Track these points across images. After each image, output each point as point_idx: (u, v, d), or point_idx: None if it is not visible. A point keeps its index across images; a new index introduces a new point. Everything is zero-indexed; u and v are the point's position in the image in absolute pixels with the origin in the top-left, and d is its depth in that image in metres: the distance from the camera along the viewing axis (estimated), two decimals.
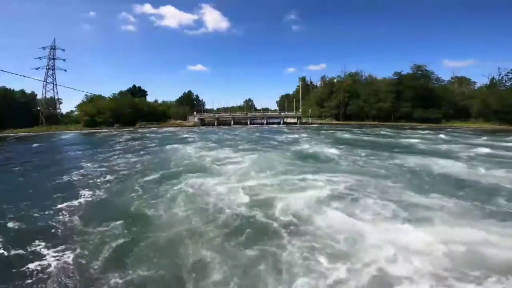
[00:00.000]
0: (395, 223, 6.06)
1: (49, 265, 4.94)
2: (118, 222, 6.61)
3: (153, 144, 24.25)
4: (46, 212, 7.58)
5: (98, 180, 11.07)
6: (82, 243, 5.71)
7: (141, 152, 19.10)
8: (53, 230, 6.44)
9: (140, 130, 46.48)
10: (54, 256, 5.23)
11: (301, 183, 9.37)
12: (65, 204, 8.20)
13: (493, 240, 5.15)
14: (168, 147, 21.51)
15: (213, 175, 11.09)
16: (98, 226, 6.47)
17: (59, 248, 5.54)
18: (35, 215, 7.45)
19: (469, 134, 29.99)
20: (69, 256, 5.22)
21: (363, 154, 15.31)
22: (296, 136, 29.13)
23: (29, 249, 5.54)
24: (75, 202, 8.38)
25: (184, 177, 10.70)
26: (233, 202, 7.75)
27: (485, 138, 24.87)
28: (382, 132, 32.15)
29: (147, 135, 35.46)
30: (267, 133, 35.11)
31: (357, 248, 5.07)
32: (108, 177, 11.58)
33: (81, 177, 11.76)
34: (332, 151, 16.55)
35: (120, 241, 5.78)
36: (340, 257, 4.80)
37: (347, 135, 29.20)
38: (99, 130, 46.22)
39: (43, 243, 5.74)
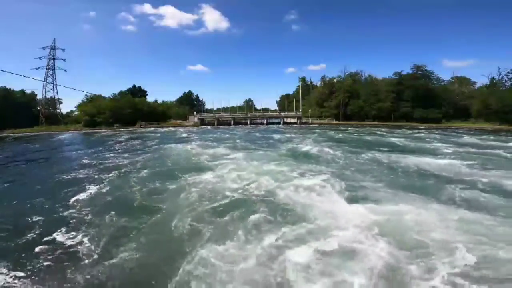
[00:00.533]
0: (347, 200, 7.59)
1: (63, 253, 5.29)
2: (123, 214, 7.06)
3: (153, 143, 24.41)
4: (56, 205, 7.98)
5: (102, 176, 11.44)
6: (91, 232, 6.15)
7: (141, 151, 19.35)
8: (62, 222, 6.76)
9: (140, 130, 46.51)
10: (67, 244, 5.65)
11: (287, 173, 10.69)
12: (73, 198, 8.53)
13: (415, 211, 6.54)
14: (167, 146, 21.69)
15: (210, 168, 11.89)
16: (105, 216, 6.99)
17: (71, 236, 6.02)
18: (46, 207, 7.94)
19: (463, 133, 30.47)
20: (80, 243, 5.65)
21: (345, 150, 16.80)
22: (292, 135, 30.15)
23: (42, 239, 5.91)
24: (82, 197, 8.74)
25: (183, 171, 11.37)
26: (226, 188, 8.92)
27: (472, 136, 25.67)
28: (378, 132, 32.52)
29: (147, 134, 35.52)
30: (264, 132, 36.04)
31: (313, 215, 6.54)
32: (110, 173, 11.92)
33: (83, 175, 11.95)
34: (319, 148, 17.90)
35: (126, 231, 6.16)
36: (297, 220, 6.29)
37: (340, 135, 30.07)
38: (97, 130, 46.27)
39: (56, 233, 6.15)
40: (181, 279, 4.34)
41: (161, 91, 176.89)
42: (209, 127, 50.08)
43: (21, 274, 4.67)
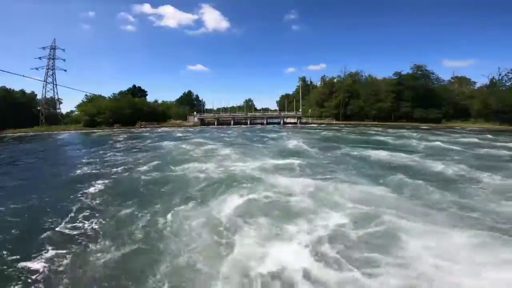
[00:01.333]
0: (312, 182, 8.90)
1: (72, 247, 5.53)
2: (128, 207, 7.52)
3: (152, 142, 24.76)
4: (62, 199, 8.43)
5: (104, 171, 12.28)
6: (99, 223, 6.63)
7: (141, 149, 20.08)
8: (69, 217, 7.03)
9: (139, 129, 46.53)
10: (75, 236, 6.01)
11: (273, 164, 12.24)
12: (77, 193, 8.94)
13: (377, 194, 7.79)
14: (165, 143, 22.39)
15: (206, 162, 13.19)
16: (111, 207, 7.64)
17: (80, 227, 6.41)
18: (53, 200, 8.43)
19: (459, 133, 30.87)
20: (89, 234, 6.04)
21: (327, 147, 18.49)
22: (284, 134, 32.05)
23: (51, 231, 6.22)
24: (86, 191, 9.17)
25: (180, 165, 12.38)
26: (216, 174, 10.58)
27: (458, 135, 26.80)
28: (371, 132, 33.14)
29: (146, 134, 35.56)
30: (259, 131, 37.27)
31: (273, 185, 8.61)
32: (112, 169, 12.63)
33: (84, 172, 12.31)
34: (304, 145, 19.40)
35: (132, 223, 6.53)
36: (258, 188, 8.36)
37: (330, 133, 31.54)
38: (94, 130, 46.26)
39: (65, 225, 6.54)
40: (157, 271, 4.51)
41: (161, 91, 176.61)
42: (209, 127, 50.11)
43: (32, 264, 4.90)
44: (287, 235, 5.43)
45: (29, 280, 4.43)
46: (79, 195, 8.68)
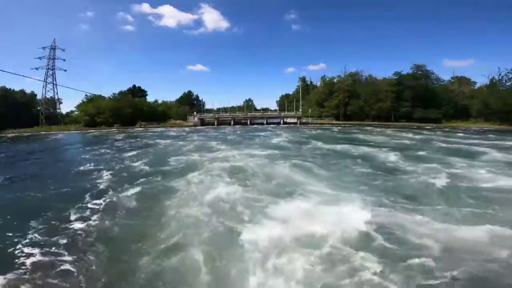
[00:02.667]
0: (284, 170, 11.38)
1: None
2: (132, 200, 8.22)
3: (153, 140, 25.38)
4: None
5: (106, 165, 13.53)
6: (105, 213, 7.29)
7: (140, 147, 21.53)
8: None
9: (139, 129, 46.52)
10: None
11: (252, 154, 15.60)
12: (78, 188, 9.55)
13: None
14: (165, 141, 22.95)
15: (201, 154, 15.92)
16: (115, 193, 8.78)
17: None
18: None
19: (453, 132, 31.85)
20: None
21: (306, 143, 21.07)
22: (274, 132, 35.18)
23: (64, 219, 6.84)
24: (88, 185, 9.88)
25: (178, 159, 14.51)
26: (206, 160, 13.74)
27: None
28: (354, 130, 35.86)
29: (145, 134, 35.54)
30: (253, 130, 40.18)
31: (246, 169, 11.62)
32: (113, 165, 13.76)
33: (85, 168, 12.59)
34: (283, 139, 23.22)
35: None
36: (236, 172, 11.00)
37: (317, 131, 34.29)
38: (90, 130, 46.23)
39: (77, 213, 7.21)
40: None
41: (161, 91, 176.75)
42: (208, 127, 50.08)
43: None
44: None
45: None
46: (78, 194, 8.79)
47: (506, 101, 40.98)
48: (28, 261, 4.91)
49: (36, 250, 5.25)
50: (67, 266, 4.75)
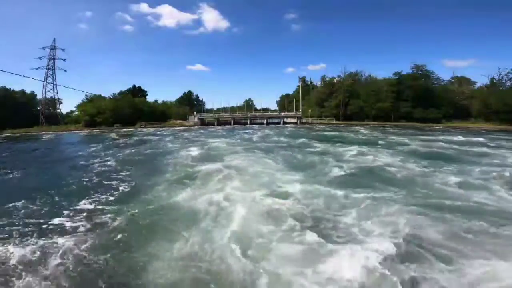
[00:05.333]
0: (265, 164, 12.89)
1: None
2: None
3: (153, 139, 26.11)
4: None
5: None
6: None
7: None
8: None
9: (139, 129, 46.51)
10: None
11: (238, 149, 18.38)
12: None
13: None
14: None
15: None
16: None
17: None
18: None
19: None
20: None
21: (289, 141, 23.68)
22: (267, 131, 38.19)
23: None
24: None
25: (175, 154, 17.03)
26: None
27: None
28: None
29: (146, 134, 35.64)
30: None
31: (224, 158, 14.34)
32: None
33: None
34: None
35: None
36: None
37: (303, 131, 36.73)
38: (82, 129, 46.21)
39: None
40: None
41: (161, 91, 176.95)
42: (208, 127, 50.08)
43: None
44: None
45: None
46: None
47: (506, 101, 40.97)
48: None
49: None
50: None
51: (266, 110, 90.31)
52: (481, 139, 22.31)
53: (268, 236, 5.42)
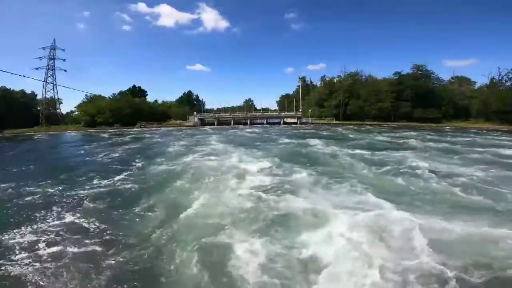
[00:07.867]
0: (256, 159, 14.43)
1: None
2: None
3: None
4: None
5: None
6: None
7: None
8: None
9: (139, 129, 46.55)
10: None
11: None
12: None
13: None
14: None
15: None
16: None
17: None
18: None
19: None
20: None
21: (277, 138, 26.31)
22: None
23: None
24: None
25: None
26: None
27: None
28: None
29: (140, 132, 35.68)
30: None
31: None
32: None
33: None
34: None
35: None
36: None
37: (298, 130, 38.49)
38: (73, 131, 46.23)
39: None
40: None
41: (161, 91, 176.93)
42: (208, 127, 50.09)
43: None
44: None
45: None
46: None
47: (506, 101, 40.96)
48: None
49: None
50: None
51: (266, 110, 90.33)
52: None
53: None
